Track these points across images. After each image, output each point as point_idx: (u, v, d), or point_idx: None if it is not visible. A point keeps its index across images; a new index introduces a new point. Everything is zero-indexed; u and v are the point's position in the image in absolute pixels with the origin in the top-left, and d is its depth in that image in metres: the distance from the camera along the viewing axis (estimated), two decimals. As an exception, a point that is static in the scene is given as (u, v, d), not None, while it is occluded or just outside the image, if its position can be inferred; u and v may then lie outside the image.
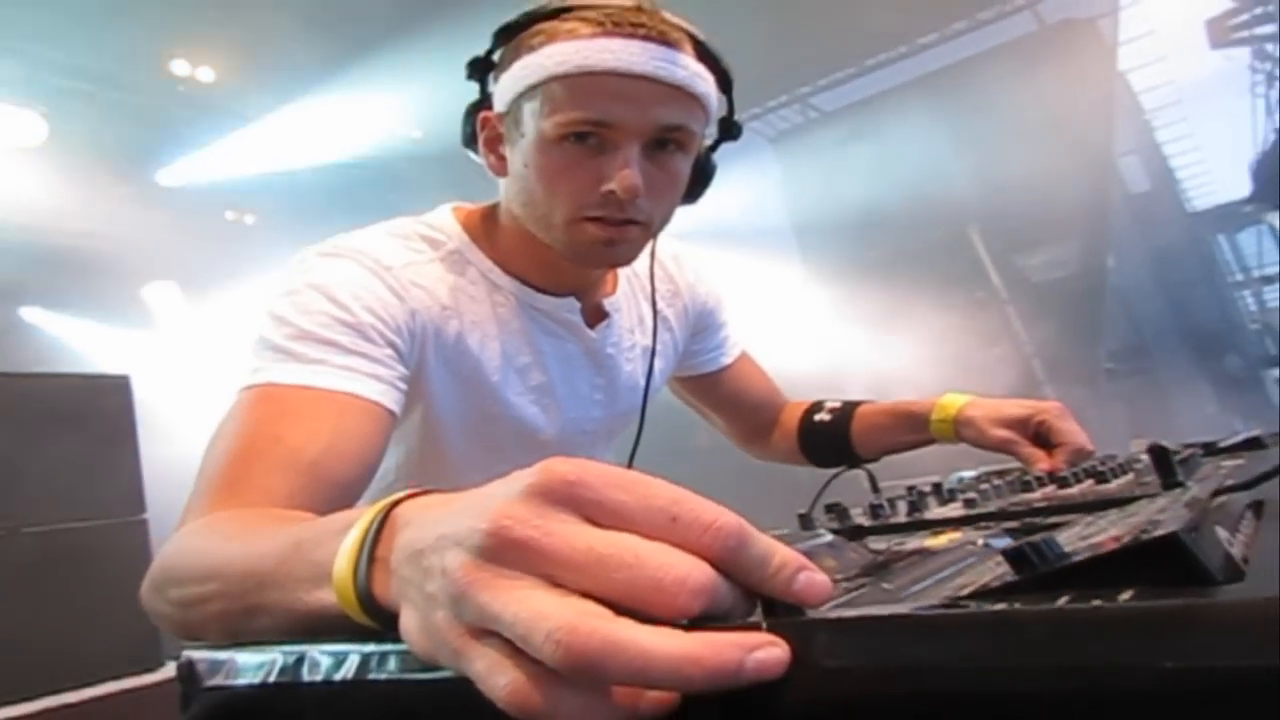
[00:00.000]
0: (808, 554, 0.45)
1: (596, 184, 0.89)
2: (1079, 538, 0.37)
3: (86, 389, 2.71)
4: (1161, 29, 10.85)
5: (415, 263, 0.97)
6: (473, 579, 0.32)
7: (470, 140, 1.00)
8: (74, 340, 5.15)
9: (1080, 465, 0.85)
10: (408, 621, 0.36)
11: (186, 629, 0.61)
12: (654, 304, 1.10)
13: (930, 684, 0.23)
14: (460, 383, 0.99)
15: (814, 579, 0.31)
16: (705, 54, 0.92)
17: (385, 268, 0.93)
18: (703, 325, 1.23)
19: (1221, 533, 0.33)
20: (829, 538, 0.53)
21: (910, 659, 0.24)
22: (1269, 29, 9.87)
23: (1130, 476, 0.78)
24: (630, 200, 0.89)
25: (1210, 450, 0.93)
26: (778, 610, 0.31)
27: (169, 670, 2.56)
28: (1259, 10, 9.70)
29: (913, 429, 1.20)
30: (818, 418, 1.29)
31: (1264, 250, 14.25)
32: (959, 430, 1.13)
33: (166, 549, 0.68)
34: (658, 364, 1.14)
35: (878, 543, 0.66)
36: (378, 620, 0.41)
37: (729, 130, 1.01)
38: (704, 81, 0.91)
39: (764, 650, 0.28)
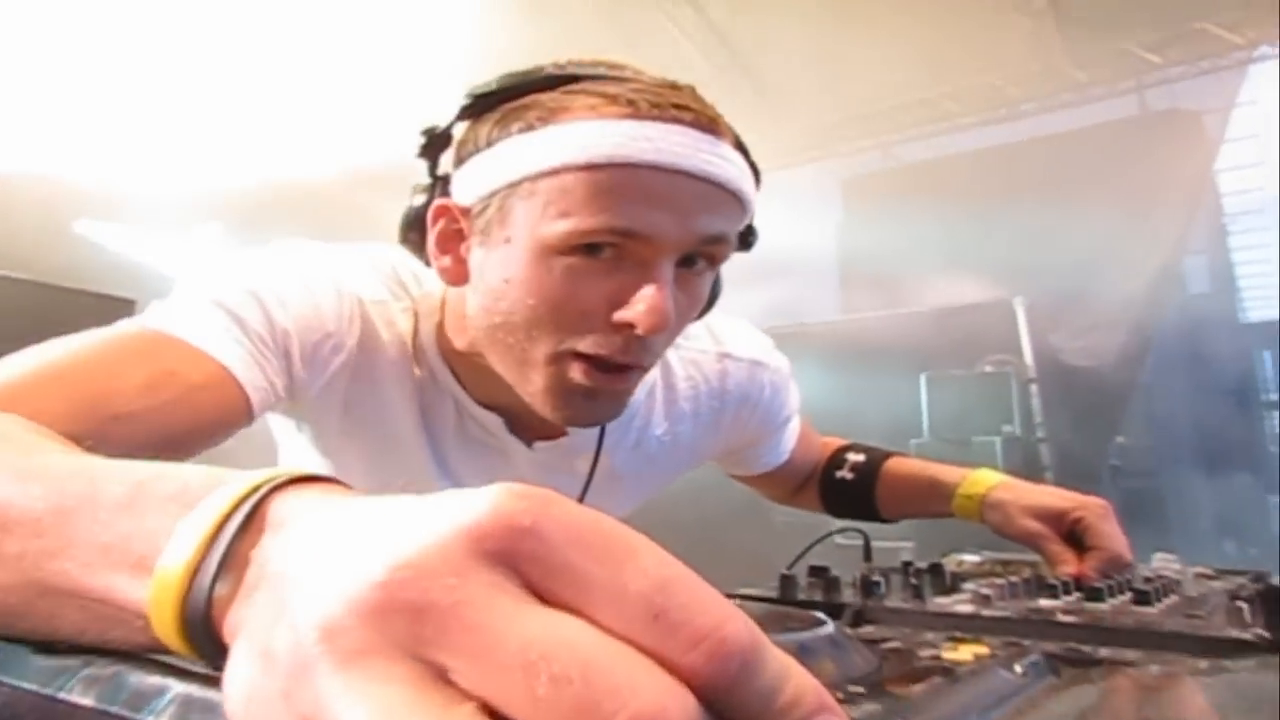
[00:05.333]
0: (803, 649, 0.42)
1: (604, 310, 0.71)
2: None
3: (91, 307, 2.67)
4: (1263, 135, 10.54)
5: (385, 301, 0.84)
6: (327, 647, 0.22)
7: (413, 233, 0.80)
8: (116, 260, 5.15)
9: (1115, 577, 0.78)
10: (237, 674, 0.25)
11: None
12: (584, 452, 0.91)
13: None
14: (359, 442, 0.87)
15: None
16: (739, 144, 0.75)
17: (347, 292, 0.81)
18: (758, 439, 1.11)
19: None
20: (829, 629, 0.46)
21: None
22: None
23: (1173, 600, 0.71)
24: (648, 337, 0.71)
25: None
26: None
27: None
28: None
29: (935, 500, 1.10)
30: (839, 475, 1.19)
31: (1302, 374, 13.98)
32: (984, 512, 1.04)
33: None
34: (629, 488, 1.00)
35: (873, 627, 0.63)
36: (198, 649, 0.29)
37: (745, 239, 0.81)
38: (748, 180, 0.74)
39: None
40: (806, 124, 6.12)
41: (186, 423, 0.67)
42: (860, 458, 1.19)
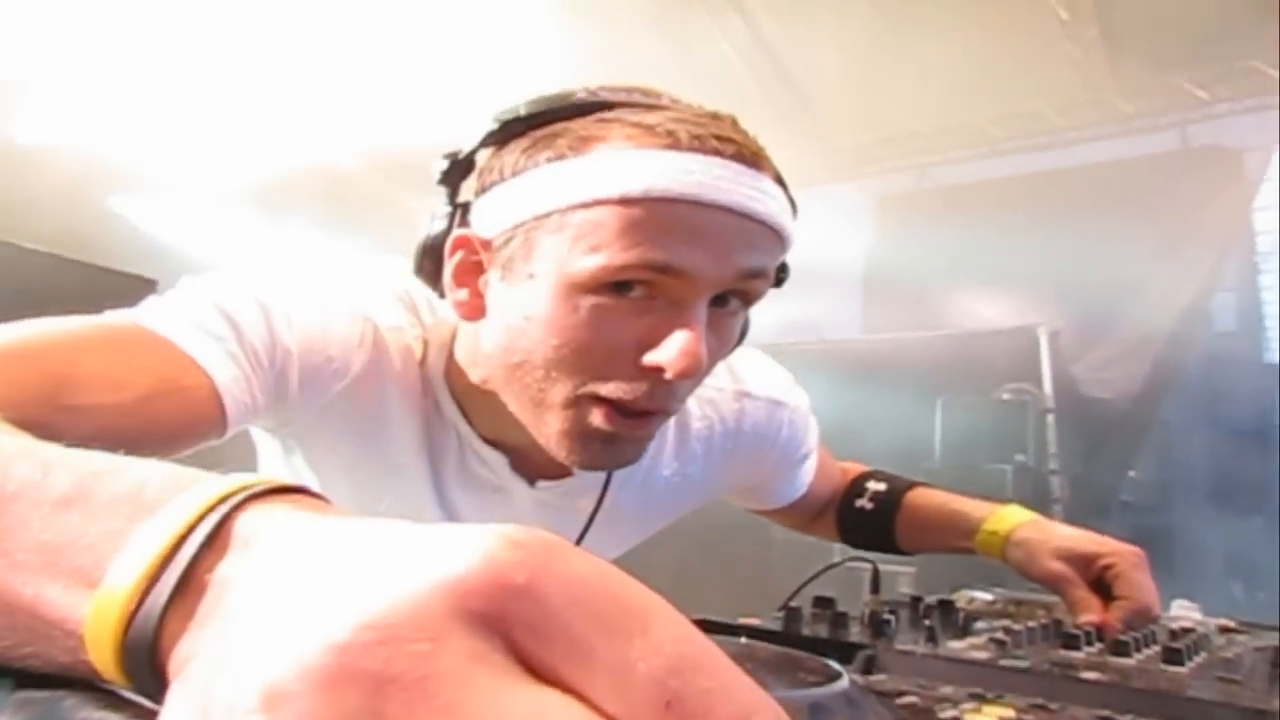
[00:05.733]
0: (817, 708, 0.40)
1: (632, 353, 0.67)
2: None
3: (111, 285, 2.59)
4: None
5: (400, 327, 0.81)
6: (267, 717, 0.19)
7: (428, 262, 0.75)
8: (147, 239, 5.15)
9: (1141, 630, 0.75)
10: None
11: None
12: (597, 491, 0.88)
13: None
14: (357, 467, 0.83)
15: None
16: (779, 178, 0.72)
17: (362, 316, 0.78)
18: (773, 477, 1.09)
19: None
20: (844, 684, 0.45)
21: None
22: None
23: (1204, 658, 0.68)
24: (677, 382, 0.67)
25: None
26: None
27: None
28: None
29: (958, 534, 1.06)
30: (859, 504, 1.15)
31: (1324, 419, 13.83)
32: (1007, 550, 0.99)
33: None
34: (631, 527, 0.98)
35: (887, 676, 0.60)
36: (136, 682, 0.26)
37: (777, 274, 0.76)
38: (788, 215, 0.71)
39: None
40: (847, 140, 6.11)
41: (147, 426, 0.62)
42: (881, 487, 1.14)
